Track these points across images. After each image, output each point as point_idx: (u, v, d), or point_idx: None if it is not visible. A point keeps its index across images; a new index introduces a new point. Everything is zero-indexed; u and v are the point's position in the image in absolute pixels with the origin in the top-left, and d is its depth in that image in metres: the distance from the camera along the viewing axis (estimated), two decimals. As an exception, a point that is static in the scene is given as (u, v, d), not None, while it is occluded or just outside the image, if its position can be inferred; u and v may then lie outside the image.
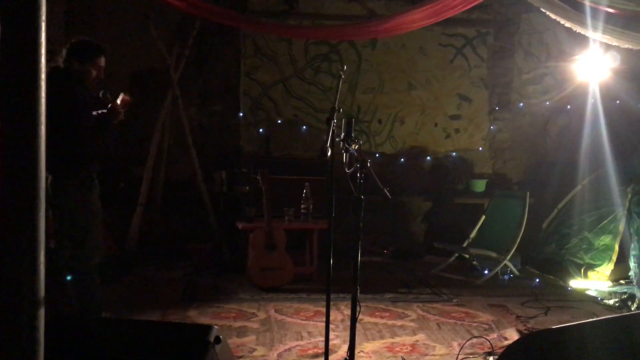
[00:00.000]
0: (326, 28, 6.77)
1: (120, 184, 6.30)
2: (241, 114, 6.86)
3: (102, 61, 3.73)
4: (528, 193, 5.93)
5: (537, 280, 5.61)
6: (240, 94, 6.89)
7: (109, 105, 3.71)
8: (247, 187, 6.09)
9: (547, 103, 7.37)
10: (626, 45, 4.97)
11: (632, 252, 4.96)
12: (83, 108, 3.60)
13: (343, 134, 3.19)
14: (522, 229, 5.74)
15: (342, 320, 4.23)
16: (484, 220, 6.18)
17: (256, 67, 6.91)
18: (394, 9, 6.72)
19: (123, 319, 3.86)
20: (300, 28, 6.79)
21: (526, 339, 2.71)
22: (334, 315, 4.30)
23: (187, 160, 6.39)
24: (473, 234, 6.14)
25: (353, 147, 3.15)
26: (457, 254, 6.02)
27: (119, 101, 3.73)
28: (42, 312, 1.58)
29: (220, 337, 2.43)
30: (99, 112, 3.76)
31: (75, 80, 3.63)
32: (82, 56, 3.64)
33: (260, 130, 6.87)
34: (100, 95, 3.75)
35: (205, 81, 6.87)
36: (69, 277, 3.66)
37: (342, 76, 3.52)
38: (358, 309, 3.02)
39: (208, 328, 2.44)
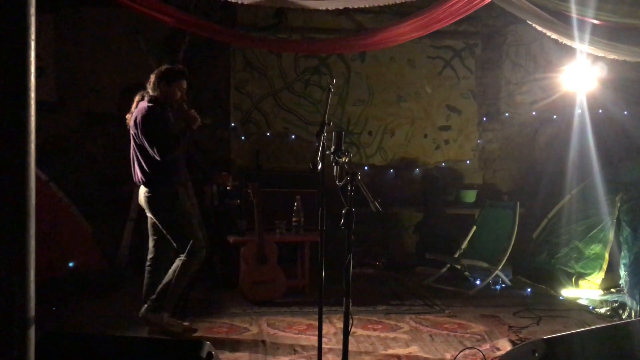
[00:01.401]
0: (315, 42, 6.81)
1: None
2: (232, 127, 6.87)
3: (185, 83, 4.24)
4: (518, 203, 5.97)
5: (529, 290, 5.62)
6: (230, 107, 6.90)
7: (187, 113, 4.15)
8: (238, 201, 6.08)
9: (535, 113, 7.44)
10: (612, 56, 5.03)
11: (622, 261, 4.99)
12: (164, 122, 4.11)
13: (333, 147, 3.20)
14: (513, 239, 5.78)
15: (335, 334, 4.22)
16: (475, 231, 6.21)
17: (246, 80, 6.93)
18: (382, 22, 6.78)
19: (114, 335, 3.83)
20: (289, 42, 6.83)
21: (518, 350, 2.72)
22: (326, 328, 4.30)
23: (178, 175, 6.38)
24: (464, 245, 6.16)
25: (343, 160, 3.16)
26: (449, 265, 6.03)
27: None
28: (32, 331, 1.57)
29: (213, 352, 2.42)
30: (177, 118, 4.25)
31: (162, 101, 4.14)
32: (168, 79, 4.15)
33: (251, 143, 6.87)
34: (177, 107, 4.23)
35: (196, 95, 6.87)
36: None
37: (332, 89, 3.55)
38: (350, 321, 3.02)
39: (200, 344, 2.43)
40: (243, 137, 6.90)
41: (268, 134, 6.97)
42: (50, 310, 4.60)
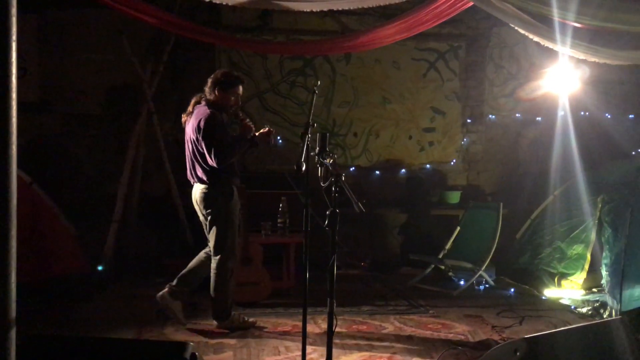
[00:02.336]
0: (301, 43, 6.82)
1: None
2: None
3: (240, 90, 4.36)
4: (501, 204, 6.03)
5: (512, 290, 5.68)
6: (215, 109, 6.88)
7: (242, 122, 4.34)
8: (223, 202, 6.06)
9: (518, 115, 7.52)
10: (593, 59, 5.09)
11: (604, 261, 5.05)
12: (223, 129, 4.24)
13: (318, 148, 3.22)
14: (496, 240, 5.83)
15: (320, 334, 4.22)
16: (459, 232, 6.25)
17: (231, 82, 6.91)
18: (367, 24, 6.81)
19: (97, 337, 3.81)
20: (274, 43, 6.83)
21: (500, 349, 2.75)
22: (311, 329, 4.31)
23: (163, 176, 6.36)
24: (448, 245, 6.20)
25: (328, 161, 3.18)
26: (433, 266, 6.07)
27: (263, 131, 4.35)
28: (13, 333, 1.56)
29: (197, 354, 2.41)
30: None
31: (218, 106, 4.26)
32: (223, 85, 4.27)
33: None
34: (234, 116, 4.45)
35: (181, 96, 6.84)
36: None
37: (316, 91, 3.57)
38: (335, 322, 3.03)
39: (184, 345, 2.42)
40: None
41: (253, 135, 6.95)
42: (33, 312, 4.56)
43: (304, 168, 3.21)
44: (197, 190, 4.29)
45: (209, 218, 4.28)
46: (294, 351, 3.87)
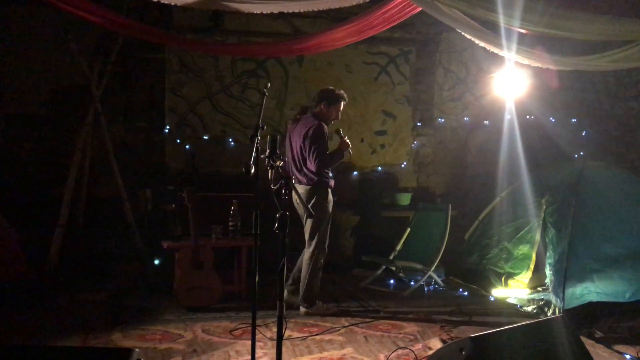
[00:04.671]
0: (252, 45, 6.79)
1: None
2: (167, 130, 6.75)
3: (342, 106, 5.02)
4: (450, 205, 6.14)
5: (461, 290, 5.79)
6: (165, 110, 6.79)
7: (342, 139, 4.99)
8: (173, 205, 5.97)
9: (467, 119, 7.68)
10: (536, 64, 5.25)
11: (548, 260, 5.20)
12: (326, 140, 4.87)
13: (268, 150, 3.21)
14: (445, 241, 5.93)
15: (271, 337, 4.21)
16: (409, 233, 6.34)
17: (182, 83, 6.84)
18: (319, 26, 6.83)
19: (40, 346, 3.69)
20: (226, 45, 6.78)
21: (446, 348, 2.80)
22: (262, 332, 4.29)
23: (110, 179, 6.22)
24: (399, 247, 6.28)
25: (278, 163, 3.17)
26: (384, 267, 6.13)
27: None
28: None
29: (142, 360, 2.37)
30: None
31: (322, 118, 4.92)
32: (328, 101, 4.95)
33: (187, 146, 6.78)
34: (335, 132, 5.13)
35: (129, 97, 6.74)
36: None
37: (266, 93, 3.57)
38: (285, 325, 3.03)
39: (129, 352, 2.38)
40: (178, 141, 6.79)
41: (205, 137, 6.89)
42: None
43: (252, 170, 3.20)
44: (299, 190, 4.79)
45: (305, 214, 4.68)
46: (244, 355, 3.85)
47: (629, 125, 7.38)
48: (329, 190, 4.93)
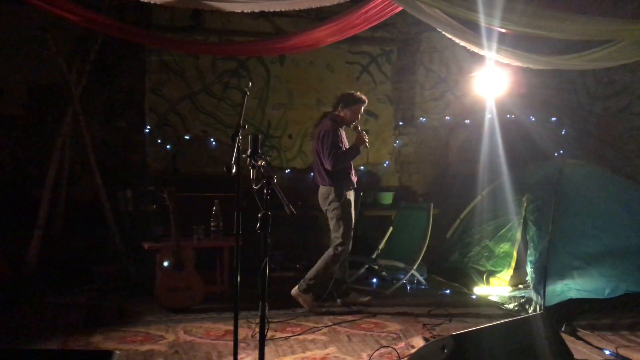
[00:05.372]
0: (233, 44, 6.75)
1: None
2: (147, 130, 6.69)
3: (361, 108, 5.23)
4: (432, 204, 6.17)
5: (443, 288, 5.81)
6: (145, 110, 6.72)
7: (358, 134, 5.13)
8: (154, 206, 5.92)
9: (448, 118, 7.72)
10: (516, 63, 5.29)
11: (529, 258, 5.25)
12: (337, 140, 5.09)
13: (249, 150, 3.20)
14: (427, 239, 5.96)
15: (254, 337, 4.19)
16: (392, 232, 6.36)
17: (162, 82, 6.77)
18: (300, 26, 6.81)
19: (18, 349, 3.64)
20: (207, 44, 6.73)
21: (429, 347, 2.81)
22: (245, 333, 4.27)
23: (90, 179, 6.14)
24: (381, 245, 6.29)
25: (259, 163, 3.16)
26: (367, 266, 6.14)
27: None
28: None
29: (122, 362, 2.35)
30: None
31: (340, 120, 5.19)
32: (345, 103, 5.18)
33: (168, 146, 6.72)
34: (353, 127, 5.20)
35: (109, 97, 6.66)
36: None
37: (248, 92, 3.55)
38: (267, 325, 3.02)
39: (109, 354, 2.36)
40: (159, 141, 6.73)
41: (186, 137, 6.84)
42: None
43: (234, 170, 3.18)
44: (320, 191, 5.20)
45: (327, 213, 5.15)
46: (226, 356, 3.83)
47: (608, 124, 7.47)
48: (344, 191, 5.09)
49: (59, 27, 5.88)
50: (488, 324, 2.98)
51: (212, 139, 6.90)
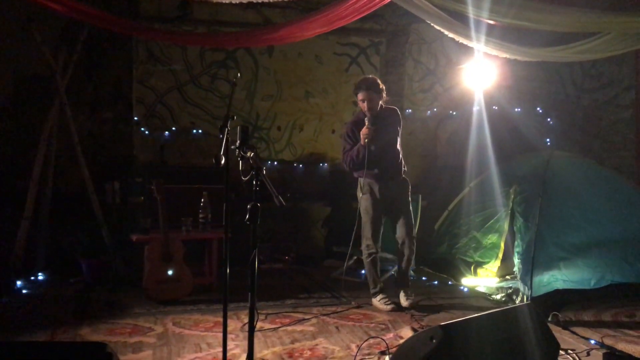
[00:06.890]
0: (221, 35, 6.71)
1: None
2: (135, 121, 6.64)
3: (362, 95, 4.83)
4: (420, 196, 6.18)
5: (431, 279, 5.84)
6: (133, 101, 6.67)
7: (367, 125, 4.79)
8: (142, 198, 5.90)
9: (436, 110, 7.74)
10: (504, 55, 5.32)
11: (516, 249, 5.29)
12: (345, 136, 4.96)
13: (238, 141, 3.18)
14: (416, 231, 5.96)
15: (243, 329, 4.20)
16: (381, 224, 6.35)
17: (150, 73, 6.73)
18: (289, 17, 6.79)
19: (6, 341, 3.62)
20: (195, 35, 6.69)
21: (417, 337, 2.82)
22: (233, 324, 4.28)
23: (77, 171, 6.09)
24: (370, 237, 6.29)
25: (248, 154, 3.15)
26: (355, 257, 6.15)
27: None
28: None
29: (113, 353, 2.35)
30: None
31: (360, 112, 4.94)
32: (355, 92, 4.93)
33: (156, 138, 6.68)
34: (366, 120, 4.82)
35: (96, 88, 6.60)
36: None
37: (236, 83, 3.53)
38: (256, 317, 3.02)
39: (100, 346, 2.35)
40: (147, 132, 6.69)
41: (173, 128, 6.81)
42: None
43: (223, 161, 3.16)
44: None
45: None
46: (215, 347, 3.83)
47: (595, 116, 7.53)
48: (360, 186, 5.00)
49: (45, 17, 5.81)
50: (476, 315, 3.00)
51: (200, 130, 6.88)
